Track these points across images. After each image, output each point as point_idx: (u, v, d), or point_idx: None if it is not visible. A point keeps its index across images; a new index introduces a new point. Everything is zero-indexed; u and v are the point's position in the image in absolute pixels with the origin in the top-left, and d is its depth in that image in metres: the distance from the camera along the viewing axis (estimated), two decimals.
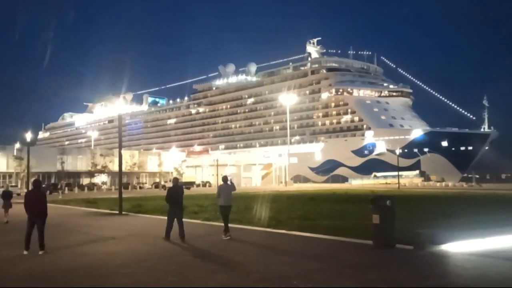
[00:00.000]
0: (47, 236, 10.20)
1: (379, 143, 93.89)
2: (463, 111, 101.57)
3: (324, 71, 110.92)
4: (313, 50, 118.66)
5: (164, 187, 68.63)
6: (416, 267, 8.22)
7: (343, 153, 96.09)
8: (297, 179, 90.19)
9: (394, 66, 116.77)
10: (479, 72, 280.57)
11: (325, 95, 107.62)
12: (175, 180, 13.14)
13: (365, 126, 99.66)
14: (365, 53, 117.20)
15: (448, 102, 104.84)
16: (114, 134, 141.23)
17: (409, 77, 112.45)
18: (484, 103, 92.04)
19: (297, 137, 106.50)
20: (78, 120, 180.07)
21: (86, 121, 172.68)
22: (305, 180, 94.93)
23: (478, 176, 77.02)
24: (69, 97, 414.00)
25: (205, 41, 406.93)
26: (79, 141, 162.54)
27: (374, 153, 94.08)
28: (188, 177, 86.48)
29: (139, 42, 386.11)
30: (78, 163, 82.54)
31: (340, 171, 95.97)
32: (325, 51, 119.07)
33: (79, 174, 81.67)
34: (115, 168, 75.52)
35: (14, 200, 19.80)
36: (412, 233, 11.32)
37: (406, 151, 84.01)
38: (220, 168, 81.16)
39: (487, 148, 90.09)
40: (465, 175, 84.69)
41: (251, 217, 17.00)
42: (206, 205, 24.13)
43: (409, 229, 11.86)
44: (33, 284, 7.25)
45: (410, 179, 78.88)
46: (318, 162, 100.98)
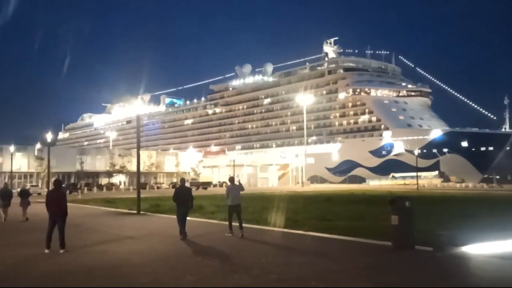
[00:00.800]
0: (67, 235, 10.38)
1: (397, 144, 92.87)
2: (483, 111, 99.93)
3: (341, 71, 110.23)
4: (330, 50, 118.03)
5: None
6: (435, 269, 8.10)
7: (360, 154, 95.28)
8: (314, 179, 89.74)
9: (412, 65, 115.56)
10: (500, 71, 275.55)
11: (342, 95, 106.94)
12: (182, 180, 13.66)
13: (382, 126, 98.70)
14: (382, 52, 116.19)
15: (468, 101, 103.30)
16: (132, 134, 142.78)
17: (428, 76, 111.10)
18: (505, 102, 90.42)
19: (314, 137, 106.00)
20: (96, 120, 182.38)
21: (104, 122, 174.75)
22: (322, 180, 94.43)
23: (498, 177, 75.47)
24: (88, 98, 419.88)
25: (221, 41, 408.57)
26: (98, 141, 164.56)
27: (392, 154, 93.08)
28: (205, 177, 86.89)
29: (157, 43, 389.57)
30: (97, 163, 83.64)
31: (357, 171, 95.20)
32: (342, 51, 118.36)
33: (98, 174, 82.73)
34: (133, 168, 75.98)
35: (35, 199, 20.20)
36: (431, 234, 11.20)
37: (425, 151, 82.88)
38: (236, 168, 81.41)
39: (508, 148, 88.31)
40: (485, 176, 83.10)
41: (268, 217, 16.97)
42: (223, 205, 24.11)
43: (429, 231, 11.73)
44: (55, 282, 7.38)
45: (429, 180, 77.81)
46: (335, 162, 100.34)
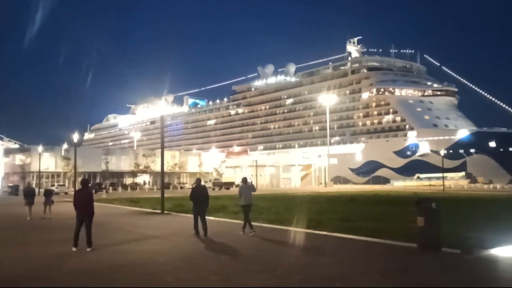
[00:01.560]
0: (94, 234, 10.57)
1: (423, 144, 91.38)
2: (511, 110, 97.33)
3: (364, 70, 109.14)
4: (353, 49, 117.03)
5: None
6: (463, 272, 7.94)
7: (384, 154, 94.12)
8: (337, 180, 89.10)
9: (438, 64, 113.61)
10: None
11: (365, 95, 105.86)
12: (198, 180, 13.90)
13: (407, 126, 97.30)
14: (407, 51, 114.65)
15: (495, 101, 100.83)
16: (155, 135, 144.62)
17: (454, 75, 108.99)
18: None
19: (337, 138, 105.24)
20: (121, 121, 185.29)
21: (129, 122, 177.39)
22: (345, 181, 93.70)
23: None
24: (113, 99, 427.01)
25: (244, 42, 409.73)
26: (122, 141, 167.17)
27: (417, 154, 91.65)
28: (227, 177, 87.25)
29: (180, 44, 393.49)
30: (121, 163, 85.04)
31: (381, 172, 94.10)
32: (365, 50, 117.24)
33: (123, 174, 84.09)
34: (157, 168, 77.31)
35: (62, 198, 20.65)
36: (458, 236, 10.97)
37: (451, 152, 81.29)
38: (259, 168, 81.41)
39: None
40: None
41: (291, 218, 16.91)
42: None
43: (456, 233, 11.49)
44: (83, 279, 7.52)
45: (455, 181, 76.28)
46: (358, 163, 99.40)
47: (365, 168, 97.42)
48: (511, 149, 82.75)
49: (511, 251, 9.31)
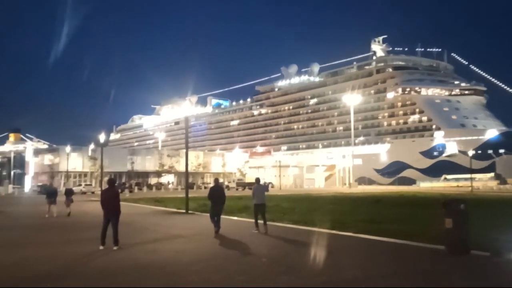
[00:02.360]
0: (120, 233, 10.73)
1: (450, 144, 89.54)
2: None
3: (390, 69, 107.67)
4: (378, 48, 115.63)
5: (227, 188, 69.89)
6: (492, 275, 7.75)
7: (410, 155, 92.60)
8: (361, 181, 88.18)
9: (466, 63, 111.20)
10: None
11: (391, 95, 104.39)
12: (216, 180, 14.53)
13: (434, 126, 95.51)
14: (434, 50, 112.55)
15: None
16: (180, 135, 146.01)
17: (483, 74, 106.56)
18: None
19: (362, 138, 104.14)
20: (146, 122, 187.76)
21: (153, 123, 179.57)
22: (370, 182, 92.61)
23: None
24: (138, 100, 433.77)
25: (268, 43, 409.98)
26: (147, 142, 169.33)
27: (444, 155, 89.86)
28: (250, 177, 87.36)
29: (204, 45, 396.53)
30: (146, 163, 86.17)
31: (407, 173, 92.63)
32: (391, 49, 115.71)
33: (148, 173, 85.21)
34: (181, 168, 78.15)
35: (89, 198, 21.09)
36: (488, 239, 10.69)
37: (479, 152, 79.45)
38: (282, 169, 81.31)
39: None
40: None
41: (315, 218, 16.81)
42: (269, 206, 24.13)
43: (485, 235, 11.20)
44: (111, 278, 7.64)
45: (484, 182, 74.38)
46: (383, 163, 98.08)
47: (391, 168, 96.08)
48: None
49: None
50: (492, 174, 79.76)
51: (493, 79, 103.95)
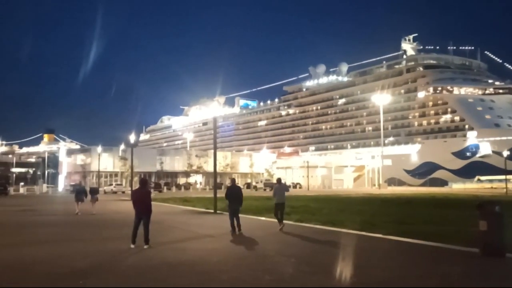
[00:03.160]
0: (150, 231, 10.90)
1: (483, 145, 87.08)
2: None
3: (421, 68, 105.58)
4: (408, 47, 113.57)
5: (255, 188, 70.02)
6: None
7: (442, 155, 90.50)
8: (391, 182, 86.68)
9: (500, 61, 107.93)
10: None
11: (422, 94, 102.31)
12: (233, 180, 15.00)
13: (467, 126, 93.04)
14: (466, 48, 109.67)
15: None
16: (208, 136, 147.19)
17: None
18: None
19: (391, 138, 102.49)
20: (175, 122, 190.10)
21: (182, 124, 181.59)
22: (400, 183, 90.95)
23: None
24: (167, 101, 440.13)
25: (295, 42, 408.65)
26: (176, 142, 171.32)
27: (477, 155, 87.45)
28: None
29: (232, 46, 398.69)
30: (175, 164, 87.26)
31: (438, 174, 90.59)
32: (421, 48, 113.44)
33: (176, 174, 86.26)
34: (209, 168, 78.72)
35: (119, 197, 21.54)
36: None
37: None
38: (310, 169, 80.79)
39: None
40: None
41: (344, 219, 16.66)
42: (297, 206, 24.12)
43: None
44: (142, 276, 7.78)
45: None
46: (414, 164, 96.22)
47: (421, 169, 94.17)
48: None
49: None
50: None
51: None
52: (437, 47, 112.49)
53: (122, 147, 76.00)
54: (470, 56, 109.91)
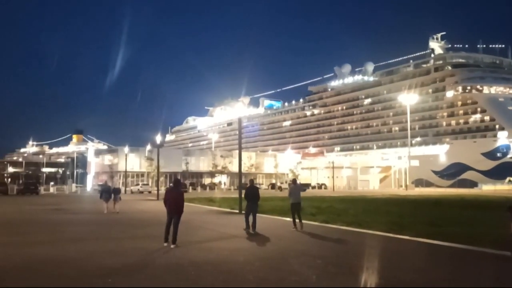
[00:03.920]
0: (178, 231, 11.05)
1: None
2: None
3: (449, 67, 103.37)
4: (436, 46, 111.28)
5: (280, 188, 69.91)
6: None
7: (471, 156, 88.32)
8: (418, 182, 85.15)
9: None
10: None
11: (450, 94, 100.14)
12: (251, 181, 15.66)
13: (497, 126, 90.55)
14: (497, 46, 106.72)
15: None
16: (232, 136, 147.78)
17: None
18: None
19: (419, 139, 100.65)
20: (200, 123, 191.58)
21: (207, 124, 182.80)
22: (428, 184, 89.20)
23: None
24: (192, 102, 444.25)
25: (320, 42, 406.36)
26: (201, 143, 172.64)
27: (508, 156, 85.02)
28: (303, 179, 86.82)
29: (257, 46, 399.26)
30: (200, 164, 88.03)
31: (468, 175, 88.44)
32: (450, 46, 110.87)
33: (201, 174, 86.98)
34: (234, 169, 79.14)
35: (146, 197, 21.83)
36: None
37: None
38: (335, 170, 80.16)
39: None
40: None
41: (370, 221, 16.47)
42: (322, 207, 24.00)
43: None
44: (170, 275, 7.89)
45: None
46: (442, 165, 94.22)
47: (450, 170, 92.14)
48: None
49: None
50: None
51: None
52: (466, 46, 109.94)
53: (148, 147, 77.12)
54: (500, 54, 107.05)
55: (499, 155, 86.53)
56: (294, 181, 16.21)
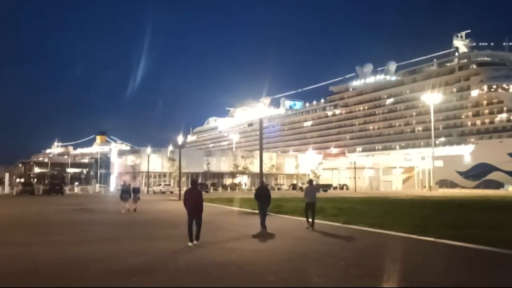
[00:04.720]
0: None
1: None
2: None
3: (474, 66, 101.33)
4: (460, 44, 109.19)
5: (301, 189, 69.64)
6: None
7: (497, 156, 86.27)
8: (442, 183, 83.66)
9: None
10: None
11: (475, 93, 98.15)
12: (262, 182, 16.20)
13: None
14: None
15: None
16: (253, 137, 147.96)
17: None
18: None
19: (443, 139, 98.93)
20: (221, 124, 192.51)
21: (228, 125, 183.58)
22: (452, 185, 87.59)
23: None
24: (213, 102, 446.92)
25: (341, 42, 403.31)
26: (222, 143, 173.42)
27: None
28: (324, 179, 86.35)
29: (277, 47, 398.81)
30: (221, 164, 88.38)
31: (493, 175, 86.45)
32: (474, 44, 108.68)
33: (222, 174, 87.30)
34: (255, 169, 79.17)
35: (168, 197, 22.03)
36: None
37: None
38: (357, 170, 79.41)
39: None
40: None
41: (393, 222, 16.24)
42: (344, 208, 23.80)
43: None
44: (192, 276, 7.94)
45: None
46: (467, 165, 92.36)
47: (475, 171, 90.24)
48: None
49: None
50: None
51: None
52: (492, 44, 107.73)
53: (170, 148, 77.83)
54: None
55: None
56: (310, 181, 16.72)
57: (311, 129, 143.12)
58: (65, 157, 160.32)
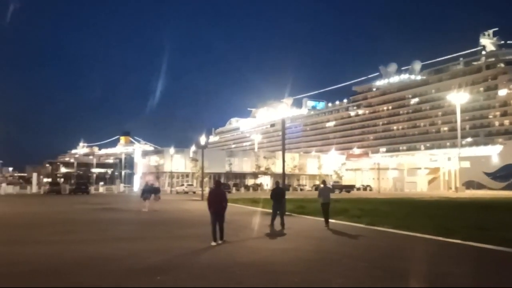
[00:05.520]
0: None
1: None
2: None
3: (502, 65, 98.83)
4: (488, 42, 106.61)
5: (316, 189, 69.20)
6: None
7: None
8: (469, 185, 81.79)
9: None
10: None
11: (503, 92, 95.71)
12: (277, 182, 16.47)
13: None
14: None
15: None
16: (275, 137, 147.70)
17: None
18: None
19: (469, 139, 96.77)
20: (242, 124, 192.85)
21: (250, 126, 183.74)
22: (479, 186, 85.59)
23: None
24: (235, 103, 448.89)
25: (365, 41, 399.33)
26: (244, 144, 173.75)
27: None
28: (347, 180, 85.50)
29: (300, 47, 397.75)
30: (243, 165, 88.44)
31: None
32: (502, 42, 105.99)
33: (244, 175, 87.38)
34: (277, 170, 78.96)
35: (190, 197, 22.21)
36: None
37: None
38: (381, 171, 78.45)
39: None
40: None
41: (418, 224, 15.96)
42: (367, 210, 23.51)
43: None
44: (216, 274, 7.96)
45: None
46: (495, 166, 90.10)
47: (503, 172, 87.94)
48: None
49: None
50: None
51: None
52: None
53: (193, 148, 78.26)
54: None
55: None
56: (324, 182, 17.06)
57: (333, 129, 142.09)
58: (91, 157, 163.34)
